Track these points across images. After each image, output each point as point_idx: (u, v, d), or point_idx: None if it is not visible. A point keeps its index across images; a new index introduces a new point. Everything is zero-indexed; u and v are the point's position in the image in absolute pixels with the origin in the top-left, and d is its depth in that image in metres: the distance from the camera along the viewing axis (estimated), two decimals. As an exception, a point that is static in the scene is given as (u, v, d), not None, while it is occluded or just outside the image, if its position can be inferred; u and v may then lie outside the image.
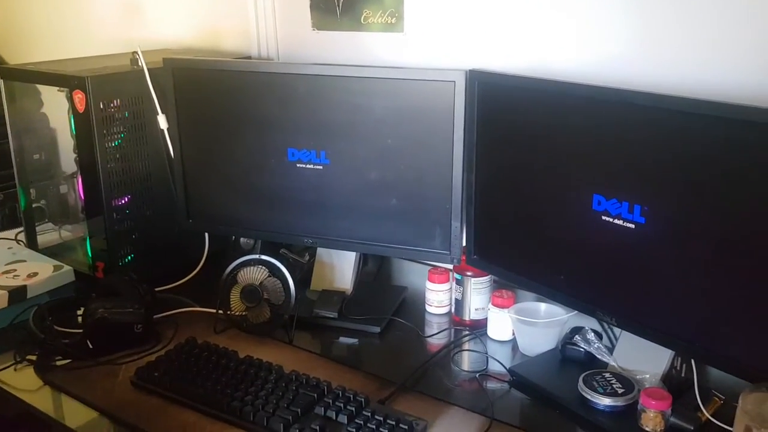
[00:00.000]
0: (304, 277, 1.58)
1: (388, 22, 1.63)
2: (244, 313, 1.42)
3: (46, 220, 1.81)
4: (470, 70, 1.31)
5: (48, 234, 1.81)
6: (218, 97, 1.50)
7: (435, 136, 1.35)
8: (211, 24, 1.96)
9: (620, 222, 1.14)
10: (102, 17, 2.18)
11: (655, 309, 1.13)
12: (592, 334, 1.29)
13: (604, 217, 1.16)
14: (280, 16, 1.81)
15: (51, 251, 1.72)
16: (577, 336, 1.29)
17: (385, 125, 1.38)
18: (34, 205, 1.79)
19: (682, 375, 1.20)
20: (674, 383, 1.18)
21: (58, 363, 1.31)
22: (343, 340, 1.43)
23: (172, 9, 2.03)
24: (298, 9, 1.76)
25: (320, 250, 1.57)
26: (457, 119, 1.32)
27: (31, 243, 1.77)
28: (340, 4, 1.68)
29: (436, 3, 1.57)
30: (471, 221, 1.39)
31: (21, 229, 1.80)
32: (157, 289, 1.55)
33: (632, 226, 1.12)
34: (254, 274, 1.41)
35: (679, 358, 1.20)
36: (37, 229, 1.80)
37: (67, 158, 1.74)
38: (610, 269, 1.18)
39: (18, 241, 1.80)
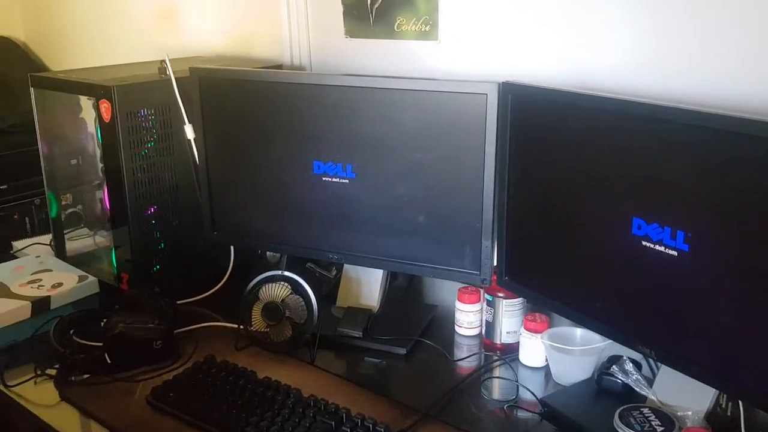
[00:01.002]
0: (330, 292, 1.54)
1: (422, 30, 1.57)
2: (265, 331, 1.38)
3: (82, 225, 1.80)
4: (503, 83, 1.24)
5: (81, 240, 1.79)
6: (244, 107, 1.46)
7: (465, 151, 1.29)
8: (244, 31, 1.93)
9: (662, 248, 1.06)
10: (139, 24, 2.19)
11: (698, 344, 1.05)
12: (631, 364, 1.21)
13: (644, 243, 1.08)
14: (313, 23, 1.77)
15: (79, 260, 1.71)
16: (614, 366, 1.21)
17: (414, 139, 1.33)
18: (70, 210, 1.77)
19: (728, 413, 1.11)
20: (719, 422, 1.10)
21: (77, 378, 1.29)
22: (367, 361, 1.37)
23: (206, 16, 2.02)
24: (331, 16, 1.72)
25: (347, 265, 1.52)
26: (489, 133, 1.26)
27: (60, 251, 1.76)
28: (374, 12, 1.63)
29: (470, 10, 1.51)
30: (502, 241, 1.32)
31: (54, 234, 1.80)
32: (181, 302, 1.53)
33: (675, 253, 1.04)
34: (276, 291, 1.37)
35: (725, 395, 1.11)
36: (74, 234, 1.78)
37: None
38: (651, 299, 1.10)
39: (52, 247, 1.80)
